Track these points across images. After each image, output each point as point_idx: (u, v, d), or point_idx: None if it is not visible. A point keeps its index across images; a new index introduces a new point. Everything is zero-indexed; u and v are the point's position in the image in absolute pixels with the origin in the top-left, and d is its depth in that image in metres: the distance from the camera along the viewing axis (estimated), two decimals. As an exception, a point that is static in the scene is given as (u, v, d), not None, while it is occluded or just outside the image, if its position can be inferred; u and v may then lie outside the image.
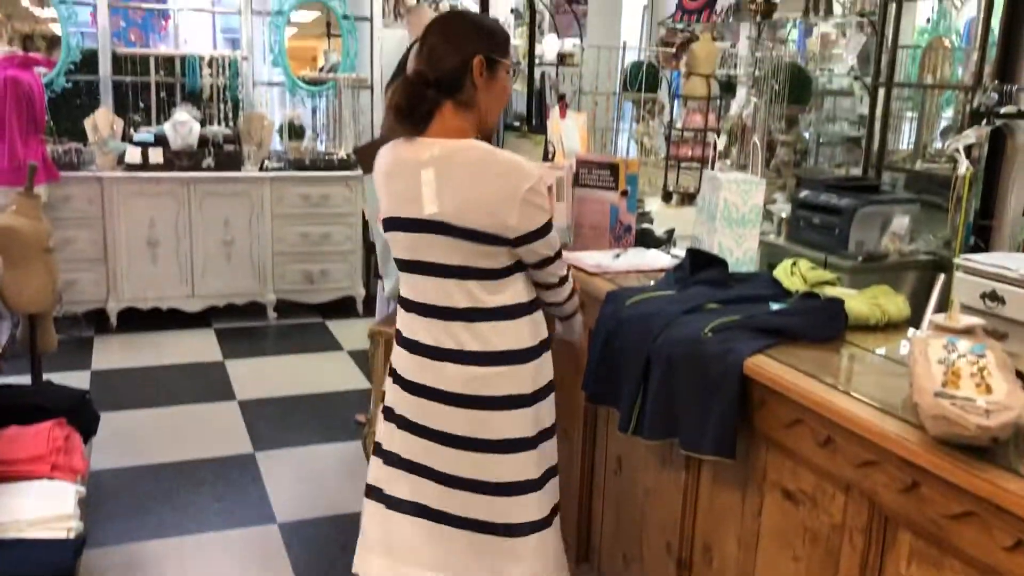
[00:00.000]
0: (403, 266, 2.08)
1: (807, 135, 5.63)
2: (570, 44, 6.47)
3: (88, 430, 3.13)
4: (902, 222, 3.90)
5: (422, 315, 2.05)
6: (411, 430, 2.08)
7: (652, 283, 2.57)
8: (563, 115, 3.99)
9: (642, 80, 5.91)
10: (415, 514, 2.09)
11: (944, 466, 1.45)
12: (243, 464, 3.74)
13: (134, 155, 5.25)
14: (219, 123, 5.72)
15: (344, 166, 5.64)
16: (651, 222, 3.56)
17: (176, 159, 5.34)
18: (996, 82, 3.70)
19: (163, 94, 5.74)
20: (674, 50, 6.46)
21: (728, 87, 6.03)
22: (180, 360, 4.95)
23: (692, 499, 2.22)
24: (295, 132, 5.83)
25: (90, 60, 5.58)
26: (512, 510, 2.06)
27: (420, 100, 1.92)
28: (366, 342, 3.17)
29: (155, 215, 5.31)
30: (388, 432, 2.15)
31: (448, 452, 2.03)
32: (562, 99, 4.40)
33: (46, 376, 3.64)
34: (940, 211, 4.10)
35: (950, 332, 1.76)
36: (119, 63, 5.63)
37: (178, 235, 5.38)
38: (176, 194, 5.33)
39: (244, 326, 5.54)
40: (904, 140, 5.18)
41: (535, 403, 2.06)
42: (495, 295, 1.99)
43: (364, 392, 4.35)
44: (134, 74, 5.66)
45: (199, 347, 5.17)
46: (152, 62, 5.71)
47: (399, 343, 2.14)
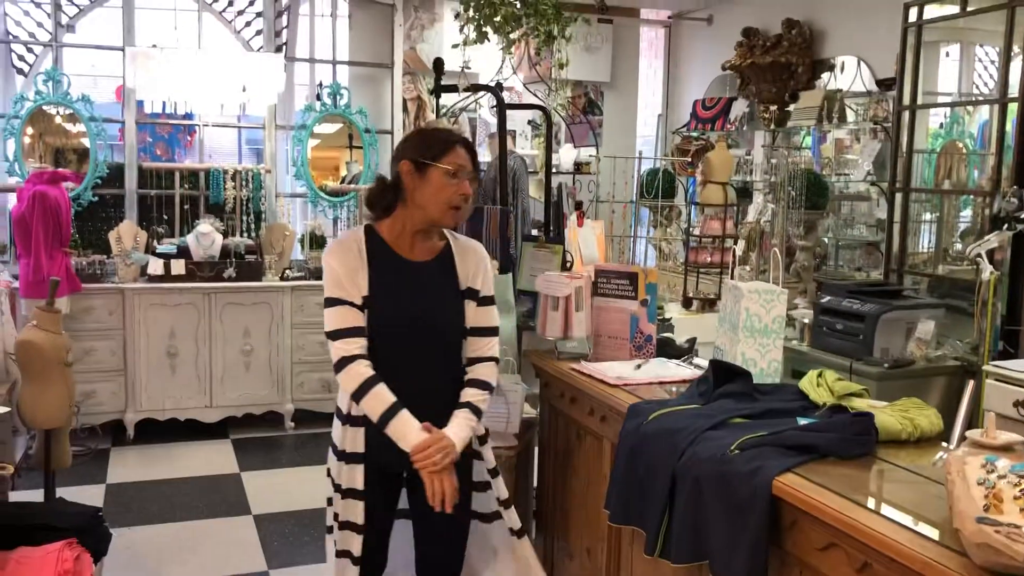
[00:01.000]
0: None
1: (826, 240, 5.63)
2: (586, 154, 6.58)
3: (99, 550, 3.05)
4: (927, 327, 3.84)
5: None
6: None
7: (673, 395, 2.52)
8: (580, 223, 4.01)
9: (659, 187, 5.97)
10: None
11: (991, 597, 1.37)
12: (257, 583, 3.63)
13: (156, 267, 5.30)
14: (241, 234, 5.79)
15: (364, 275, 5.67)
16: (671, 329, 3.53)
17: (198, 270, 5.39)
18: (1015, 187, 3.69)
19: (187, 206, 5.84)
20: (689, 158, 6.55)
21: (744, 193, 6.08)
22: (196, 472, 4.88)
23: (723, 625, 2.11)
24: (316, 242, 5.90)
25: (117, 174, 5.71)
26: None
27: (378, 197, 2.37)
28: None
29: (175, 325, 5.33)
30: None
31: None
32: (579, 207, 4.44)
33: (61, 490, 3.59)
34: (965, 315, 4.04)
35: (987, 449, 1.69)
36: (145, 177, 5.75)
37: (198, 345, 5.39)
38: (197, 304, 5.36)
39: (261, 436, 5.48)
40: (924, 243, 5.17)
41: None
42: None
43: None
44: (159, 187, 5.78)
45: (215, 458, 5.11)
46: (177, 175, 5.83)
47: None
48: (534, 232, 4.25)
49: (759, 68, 5.99)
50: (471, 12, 4.67)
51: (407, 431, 2.23)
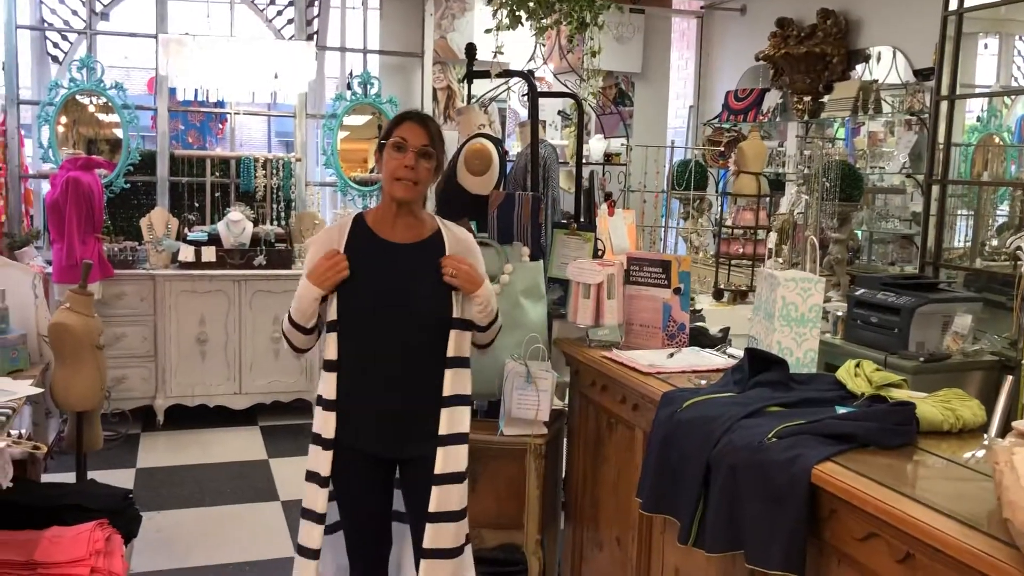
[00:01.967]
0: None
1: (859, 233, 5.55)
2: (617, 144, 6.54)
3: (129, 531, 3.08)
4: (964, 321, 3.77)
5: None
6: None
7: (706, 383, 2.49)
8: (611, 213, 3.98)
9: (690, 178, 5.91)
10: None
11: (1043, 589, 1.33)
12: (285, 568, 3.61)
13: (187, 253, 5.33)
14: (271, 222, 5.81)
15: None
16: (703, 320, 3.49)
17: (228, 257, 5.41)
18: (1056, 179, 3.61)
19: (218, 194, 5.87)
20: (721, 148, 6.49)
21: (777, 185, 6.01)
22: (225, 458, 4.91)
23: (757, 616, 2.08)
24: (345, 231, 5.89)
25: (149, 161, 5.75)
26: None
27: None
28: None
29: (205, 312, 5.35)
30: None
31: None
32: (609, 197, 4.41)
33: (92, 473, 3.62)
34: (1003, 310, 3.96)
35: (1035, 440, 1.65)
36: (176, 164, 5.79)
37: (227, 332, 5.41)
38: (227, 291, 5.39)
39: (290, 423, 5.50)
40: (959, 237, 5.08)
41: None
42: None
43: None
44: (190, 175, 5.81)
45: (244, 445, 5.13)
46: (208, 163, 5.86)
47: None
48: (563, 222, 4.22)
49: (793, 59, 5.91)
50: (505, -3, 4.64)
51: (299, 289, 2.43)
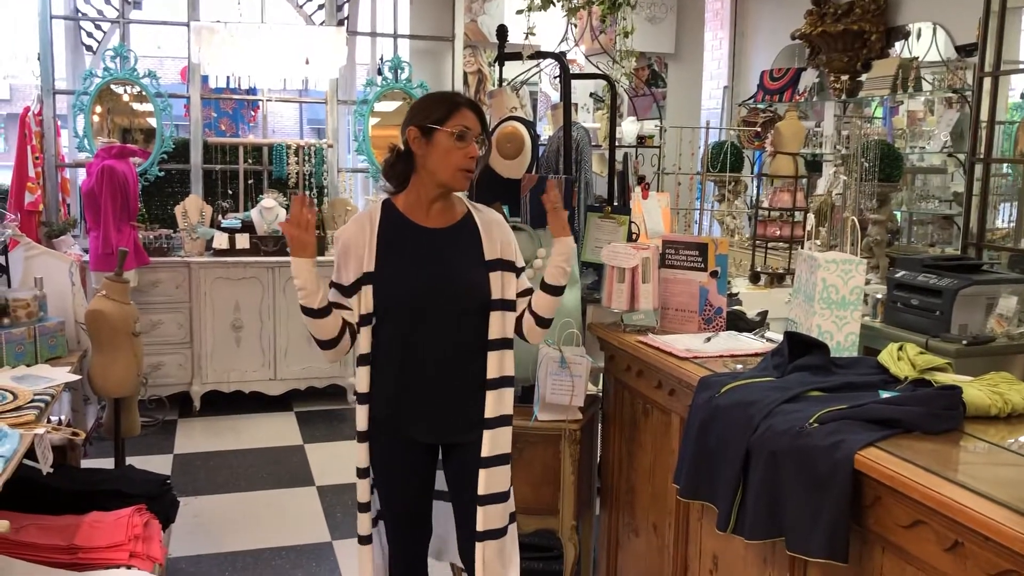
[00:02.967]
0: None
1: (898, 214, 5.44)
2: (650, 126, 6.46)
3: (167, 516, 3.10)
4: (1009, 303, 3.68)
5: None
6: None
7: (743, 368, 2.45)
8: (645, 196, 3.93)
9: (725, 160, 5.83)
10: None
11: (1101, 580, 1.28)
12: (320, 553, 3.66)
13: (222, 240, 5.36)
14: (305, 209, 5.81)
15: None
16: (739, 304, 3.43)
17: (262, 244, 5.43)
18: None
19: (251, 181, 5.89)
20: (757, 129, 6.39)
21: (814, 166, 5.91)
22: (260, 444, 4.94)
23: (798, 604, 2.05)
24: (377, 216, 5.89)
25: (182, 149, 5.78)
26: None
27: (391, 168, 2.38)
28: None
29: (240, 299, 5.38)
30: None
31: None
32: (642, 180, 4.35)
33: (130, 459, 3.66)
34: (1049, 291, 3.86)
35: (1089, 425, 1.59)
36: (209, 152, 5.81)
37: (262, 318, 5.44)
38: (261, 278, 5.41)
39: (325, 409, 5.53)
40: (1002, 218, 4.97)
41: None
42: None
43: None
44: (223, 162, 5.84)
45: (279, 431, 5.16)
46: (241, 150, 5.88)
47: None
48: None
49: (830, 37, 5.80)
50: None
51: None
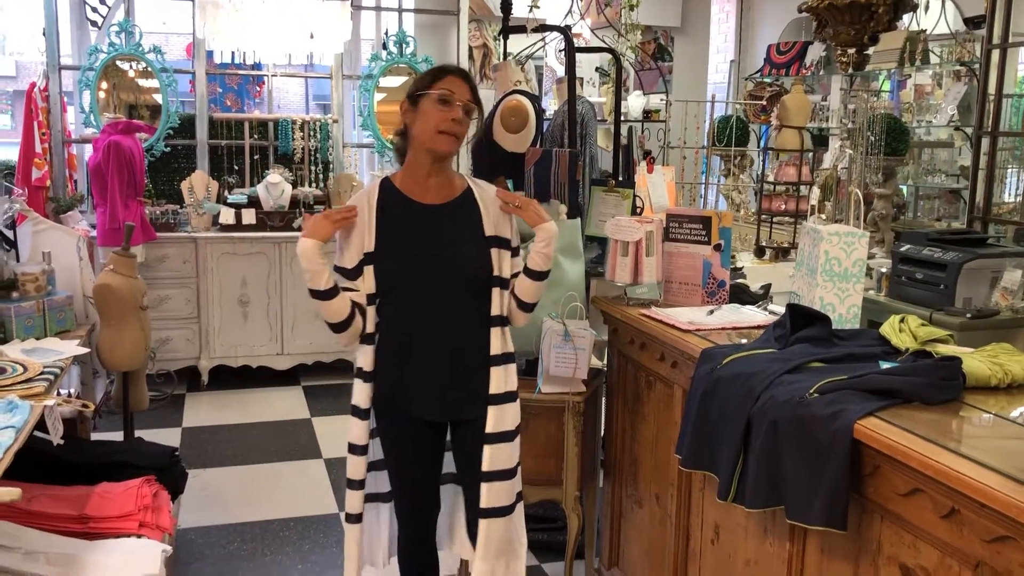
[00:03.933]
0: None
1: (904, 188, 5.43)
2: (656, 100, 6.44)
3: (176, 488, 3.14)
4: (1014, 276, 3.68)
5: None
6: None
7: (746, 340, 2.46)
8: (650, 170, 3.93)
9: (731, 134, 5.81)
10: None
11: (1093, 545, 1.30)
12: (328, 524, 3.70)
13: (228, 216, 5.38)
14: (310, 184, 5.83)
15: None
16: (744, 278, 3.44)
17: (268, 219, 5.45)
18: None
19: (256, 156, 5.90)
20: (763, 103, 6.37)
21: (820, 140, 5.89)
22: (268, 418, 4.98)
23: (797, 572, 2.07)
24: (383, 192, 5.90)
25: (188, 125, 5.79)
26: None
27: (399, 148, 2.40)
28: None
29: (247, 274, 5.41)
30: None
31: None
32: (648, 155, 4.35)
33: (139, 433, 3.70)
34: (1055, 265, 3.86)
35: (1087, 394, 1.61)
36: (215, 127, 5.82)
37: (269, 293, 5.47)
38: (267, 253, 5.43)
39: (332, 383, 5.57)
40: (1009, 191, 4.95)
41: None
42: None
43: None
44: (229, 138, 5.84)
45: (287, 404, 5.21)
46: (246, 126, 5.88)
47: None
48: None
49: (837, 9, 5.75)
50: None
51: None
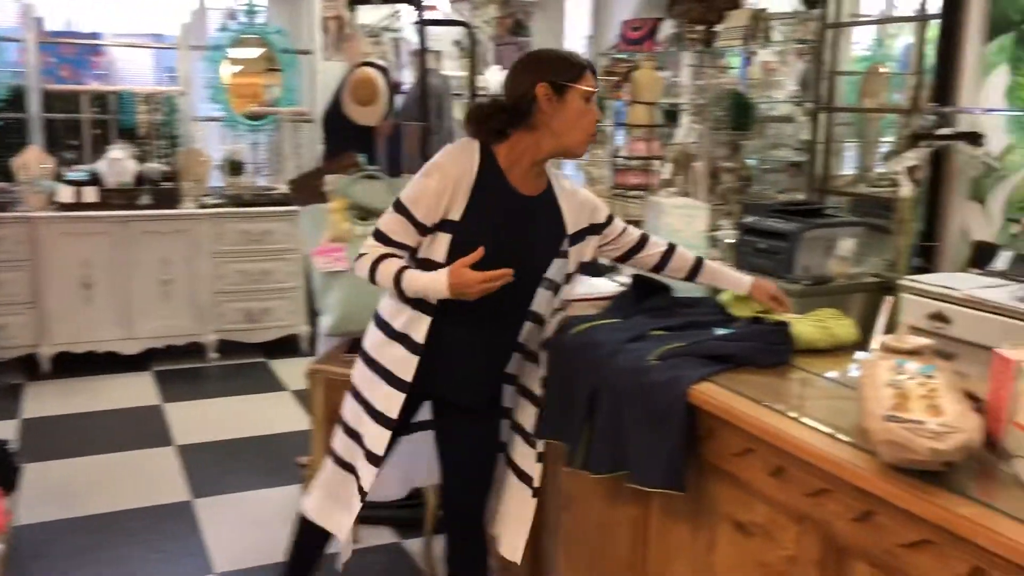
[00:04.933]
0: None
1: (751, 161, 5.64)
2: (514, 75, 6.44)
3: (8, 482, 2.96)
4: (847, 245, 3.89)
5: None
6: None
7: (595, 311, 2.51)
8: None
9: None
10: None
11: (897, 493, 1.39)
12: (180, 512, 3.58)
13: (66, 194, 5.08)
14: (156, 160, 5.57)
15: (285, 201, 5.52)
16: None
17: (111, 197, 5.18)
18: (934, 104, 3.72)
19: (97, 131, 5.59)
20: (617, 80, 6.47)
21: (672, 116, 6.04)
22: (116, 405, 4.76)
23: (643, 534, 2.14)
24: (235, 168, 5.71)
25: (19, 98, 5.42)
26: None
27: (487, 117, 2.14)
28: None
29: (89, 255, 5.13)
30: None
31: None
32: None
33: (-31, 426, 3.47)
34: (885, 233, 4.11)
35: (899, 353, 1.71)
36: (49, 100, 5.47)
37: (113, 275, 5.20)
38: (112, 233, 5.17)
39: (184, 368, 5.37)
40: (847, 164, 5.22)
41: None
42: None
43: (308, 433, 4.21)
44: (66, 111, 5.51)
45: (136, 391, 4.98)
46: (84, 99, 5.56)
47: None
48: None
49: (687, -13, 5.89)
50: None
51: (427, 281, 2.07)
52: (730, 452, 1.83)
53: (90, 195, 5.13)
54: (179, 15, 5.57)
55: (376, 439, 2.22)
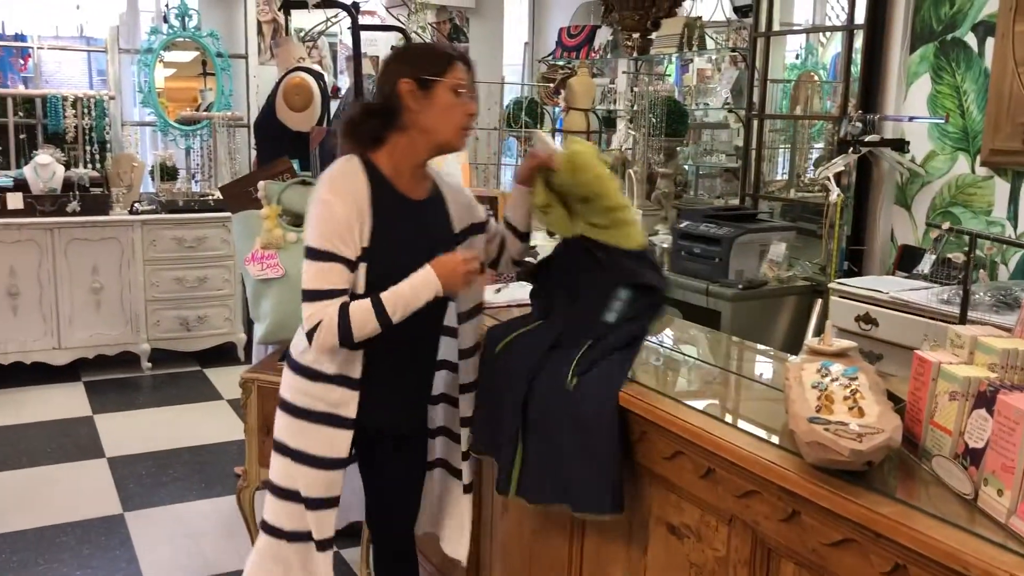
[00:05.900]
0: None
1: (687, 167, 5.73)
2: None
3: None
4: (779, 249, 3.97)
5: None
6: None
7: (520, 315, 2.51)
8: (443, 150, 3.93)
9: (523, 116, 5.92)
10: None
11: (821, 493, 1.42)
12: (110, 526, 3.49)
13: (-10, 200, 4.93)
14: (85, 165, 5.44)
15: (220, 207, 5.44)
16: (536, 256, 3.51)
17: (38, 204, 5.04)
18: (860, 112, 3.82)
19: (23, 136, 5.43)
20: (554, 86, 6.52)
21: (609, 122, 6.10)
22: (44, 417, 4.63)
23: (579, 538, 2.15)
24: (168, 173, 5.61)
25: (-60, 101, 5.25)
26: None
27: (362, 124, 2.04)
28: (241, 390, 3.01)
29: (15, 263, 4.98)
30: None
31: None
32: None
33: None
34: (815, 238, 4.20)
35: (824, 356, 1.75)
36: (-27, 104, 5.31)
37: (41, 284, 5.07)
38: (38, 240, 5.03)
39: (116, 378, 5.24)
40: (779, 170, 5.33)
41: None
42: None
43: (243, 443, 4.14)
44: (-11, 115, 5.35)
45: (66, 402, 4.85)
46: (9, 102, 5.41)
47: None
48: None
49: (622, -5, 5.96)
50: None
51: (414, 283, 1.94)
52: (661, 455, 1.85)
53: (15, 201, 4.98)
54: (108, 17, 5.44)
55: (323, 483, 2.06)
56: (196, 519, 3.57)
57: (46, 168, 5.10)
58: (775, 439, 1.63)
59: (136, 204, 5.34)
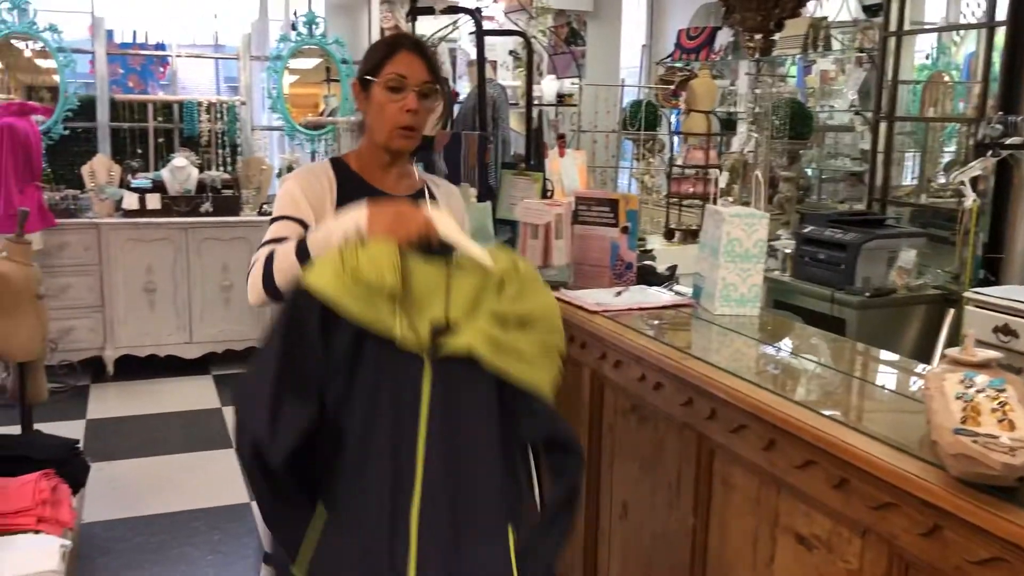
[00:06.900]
0: None
1: (809, 171, 5.59)
2: (568, 84, 6.47)
3: (78, 481, 3.05)
4: (909, 256, 3.83)
5: None
6: None
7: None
8: (562, 153, 3.96)
9: (641, 118, 5.89)
10: None
11: (967, 508, 1.36)
12: (238, 514, 3.64)
13: (131, 201, 5.22)
14: (217, 168, 5.70)
15: (343, 209, 5.60)
16: (653, 260, 3.50)
17: (174, 204, 5.31)
18: (1000, 113, 3.65)
19: (161, 140, 5.73)
20: (673, 88, 6.46)
21: (728, 124, 6.01)
22: (177, 408, 4.87)
23: (701, 545, 2.12)
24: (294, 176, 5.80)
25: (88, 107, 5.58)
26: None
27: (357, 132, 2.17)
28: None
29: (152, 261, 5.26)
30: None
31: None
32: (560, 138, 4.37)
33: (40, 425, 3.57)
34: (947, 245, 4.03)
35: (966, 366, 1.68)
36: (117, 109, 5.63)
37: (176, 281, 5.33)
38: (174, 239, 5.29)
39: (243, 372, 5.45)
40: (907, 175, 5.14)
41: None
42: None
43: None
44: (132, 120, 5.66)
45: (197, 394, 5.09)
46: (150, 108, 5.71)
47: None
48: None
49: (744, -4, 5.86)
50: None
51: (325, 229, 1.77)
52: (791, 463, 1.81)
53: (153, 202, 5.26)
54: (241, 26, 5.68)
55: None
56: (318, 510, 3.68)
57: (182, 170, 5.36)
58: (914, 449, 1.57)
59: (264, 205, 5.55)
